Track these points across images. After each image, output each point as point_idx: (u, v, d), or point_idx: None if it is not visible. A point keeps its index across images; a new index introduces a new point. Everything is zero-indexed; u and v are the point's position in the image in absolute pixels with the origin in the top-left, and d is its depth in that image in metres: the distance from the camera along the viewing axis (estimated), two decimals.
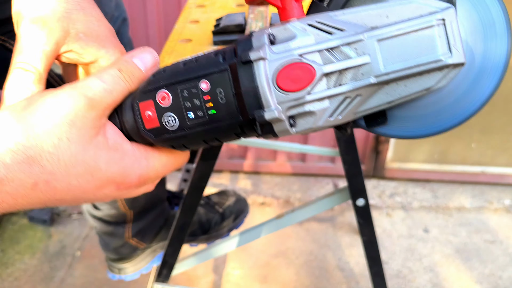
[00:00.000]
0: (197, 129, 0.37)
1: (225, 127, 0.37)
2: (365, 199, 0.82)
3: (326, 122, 0.36)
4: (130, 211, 1.06)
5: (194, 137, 0.38)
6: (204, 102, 0.36)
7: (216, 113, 0.36)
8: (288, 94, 0.35)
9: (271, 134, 0.37)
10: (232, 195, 1.27)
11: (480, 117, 1.84)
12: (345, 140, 0.74)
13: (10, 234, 1.67)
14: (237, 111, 0.36)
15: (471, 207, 1.87)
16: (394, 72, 0.35)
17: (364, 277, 1.52)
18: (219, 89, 0.36)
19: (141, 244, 1.13)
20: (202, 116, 0.37)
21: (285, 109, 0.35)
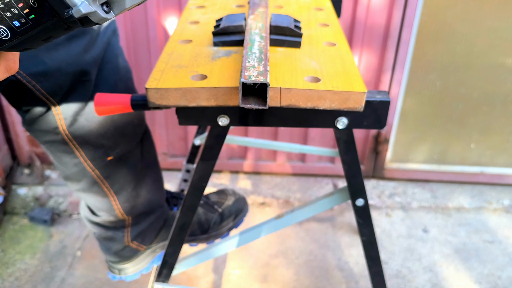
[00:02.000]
0: (29, 33, 0.40)
1: (50, 26, 0.39)
2: (365, 199, 0.83)
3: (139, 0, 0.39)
4: (128, 217, 1.06)
5: (31, 39, 0.40)
6: (21, 9, 0.38)
7: (35, 16, 0.38)
8: None
9: (92, 24, 0.38)
10: (231, 194, 1.27)
11: (479, 118, 1.85)
12: (344, 140, 0.74)
13: (10, 234, 1.67)
14: (52, 12, 0.38)
15: (470, 207, 1.87)
16: None
17: (364, 277, 1.53)
18: None
19: (142, 246, 1.13)
20: (25, 22, 0.39)
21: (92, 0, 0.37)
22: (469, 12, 1.64)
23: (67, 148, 0.90)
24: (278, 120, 0.71)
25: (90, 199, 1.01)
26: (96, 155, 0.92)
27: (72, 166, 0.94)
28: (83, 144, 0.90)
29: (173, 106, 0.68)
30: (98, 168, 0.94)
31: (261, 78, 0.59)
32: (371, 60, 1.74)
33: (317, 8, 0.99)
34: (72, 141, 0.89)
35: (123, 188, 1.00)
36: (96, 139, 0.90)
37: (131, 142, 0.96)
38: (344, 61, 0.73)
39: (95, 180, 0.96)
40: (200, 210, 1.21)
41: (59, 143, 0.89)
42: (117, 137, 0.92)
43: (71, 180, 0.97)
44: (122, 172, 0.98)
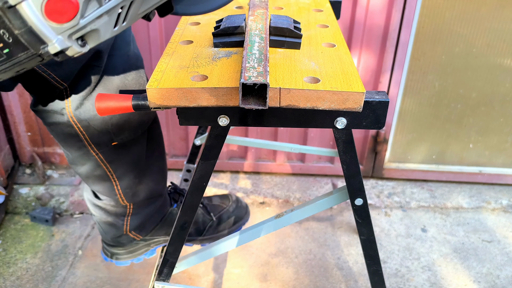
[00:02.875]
0: (3, 66, 0.40)
1: (25, 59, 0.40)
2: (364, 199, 0.84)
3: (113, 33, 0.39)
4: (129, 204, 1.07)
5: (3, 71, 0.41)
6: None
7: (10, 51, 0.39)
8: (63, 25, 0.37)
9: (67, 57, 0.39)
10: (233, 201, 1.28)
11: (478, 118, 1.85)
12: (343, 140, 0.75)
13: (12, 233, 1.68)
14: (27, 47, 0.38)
15: (469, 207, 1.88)
16: None
17: (363, 276, 1.53)
18: (2, 30, 0.38)
19: (138, 236, 1.14)
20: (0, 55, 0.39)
21: (67, 36, 0.38)
22: (467, 13, 1.65)
23: (72, 130, 0.91)
24: (278, 121, 0.71)
25: (94, 183, 1.01)
26: (100, 139, 0.93)
27: (77, 149, 0.95)
28: (88, 128, 0.91)
29: (173, 106, 0.68)
30: (102, 153, 0.95)
31: (261, 79, 0.60)
32: (370, 61, 1.75)
33: (316, 9, 1.00)
34: (77, 124, 0.90)
35: (125, 174, 1.00)
36: (101, 124, 0.91)
37: (137, 130, 0.97)
38: (343, 62, 0.74)
39: (98, 164, 0.97)
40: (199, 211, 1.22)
41: (64, 125, 0.90)
42: (122, 124, 0.93)
43: (76, 163, 0.98)
44: (126, 158, 0.98)
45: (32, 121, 1.87)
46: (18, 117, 1.85)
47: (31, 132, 1.90)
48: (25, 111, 1.85)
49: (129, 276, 1.50)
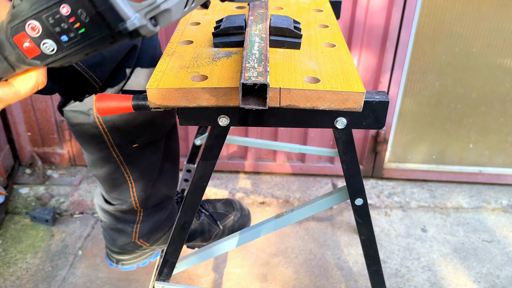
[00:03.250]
0: (75, 47, 0.42)
1: (98, 40, 0.41)
2: (364, 199, 0.84)
3: (183, 13, 0.42)
4: (140, 209, 1.08)
5: (75, 54, 0.42)
6: (71, 24, 0.40)
7: (85, 31, 0.40)
8: (141, 3, 0.39)
9: (140, 36, 0.40)
10: (237, 209, 1.29)
11: (478, 118, 1.85)
12: (343, 140, 0.75)
13: (12, 233, 1.68)
14: (104, 26, 0.40)
15: (469, 207, 1.88)
16: None
17: (363, 276, 1.54)
18: (80, 10, 0.39)
19: (145, 244, 1.14)
20: (74, 36, 0.41)
21: (143, 14, 0.39)
22: (467, 13, 1.65)
23: (96, 131, 0.92)
24: (278, 121, 0.71)
25: (110, 185, 1.02)
26: (123, 141, 0.94)
27: (98, 150, 0.96)
28: (112, 128, 0.92)
29: (174, 106, 0.68)
30: (122, 155, 0.96)
31: (261, 79, 0.60)
32: (370, 61, 1.75)
33: (316, 9, 1.00)
34: (102, 124, 0.91)
35: (142, 176, 1.01)
36: (125, 125, 0.92)
37: (158, 133, 0.98)
38: (343, 62, 0.74)
39: (118, 166, 0.98)
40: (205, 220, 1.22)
41: (90, 126, 0.91)
42: (145, 125, 0.94)
43: (95, 165, 0.99)
44: (144, 160, 1.00)
45: (32, 121, 1.87)
46: (18, 117, 1.85)
47: (31, 132, 1.90)
48: (25, 111, 1.85)
49: (129, 276, 1.50)
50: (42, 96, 1.81)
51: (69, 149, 1.95)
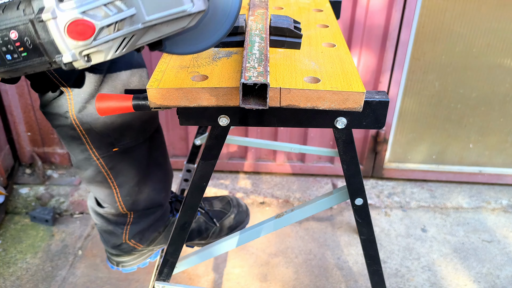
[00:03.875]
0: (15, 66, 0.48)
1: (37, 64, 0.48)
2: (364, 199, 0.84)
3: (114, 55, 0.49)
4: (129, 213, 1.08)
5: (15, 71, 0.49)
6: (17, 47, 0.47)
7: (27, 55, 0.48)
8: (78, 42, 0.46)
9: (72, 67, 0.48)
10: (235, 206, 1.28)
11: (478, 118, 1.85)
12: (344, 140, 0.75)
13: (12, 233, 1.68)
14: (43, 54, 0.47)
15: (469, 207, 1.88)
16: (155, 19, 0.48)
17: (363, 276, 1.54)
18: (26, 38, 0.46)
19: (139, 245, 1.14)
20: (17, 57, 0.48)
21: (78, 52, 0.47)
22: (467, 13, 1.65)
23: (75, 133, 0.93)
24: (278, 120, 0.71)
25: (95, 189, 1.03)
26: (102, 144, 0.95)
27: (79, 152, 0.97)
28: (90, 131, 0.92)
29: (174, 106, 0.68)
30: (103, 158, 0.97)
31: (261, 79, 0.60)
32: (370, 61, 1.75)
33: (316, 9, 1.00)
34: (80, 126, 0.91)
35: (126, 181, 1.01)
36: (102, 128, 0.92)
37: (138, 137, 0.98)
38: (343, 62, 0.74)
39: (99, 170, 0.98)
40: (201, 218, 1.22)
41: (68, 128, 0.92)
42: (123, 129, 0.94)
43: (79, 168, 1.01)
44: (126, 165, 1.00)
45: (32, 121, 1.87)
46: (18, 117, 1.85)
47: (31, 132, 1.90)
48: (25, 111, 1.85)
49: (129, 276, 1.50)
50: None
51: None
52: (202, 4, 0.50)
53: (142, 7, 0.47)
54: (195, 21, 0.51)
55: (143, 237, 1.13)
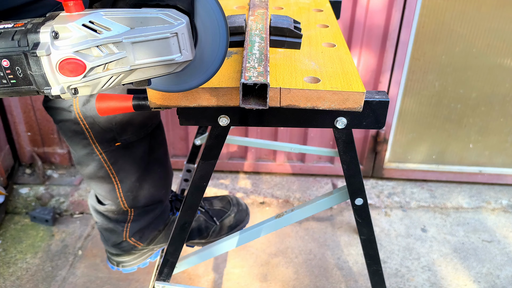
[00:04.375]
0: (3, 89, 0.50)
1: (25, 91, 0.50)
2: (364, 199, 0.84)
3: (100, 91, 0.51)
4: (130, 210, 1.08)
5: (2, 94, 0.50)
6: (7, 74, 0.49)
7: (16, 82, 0.49)
8: (68, 78, 0.48)
9: (60, 98, 0.51)
10: (234, 204, 1.29)
11: (478, 118, 1.86)
12: (344, 140, 0.75)
13: (12, 233, 1.68)
14: (32, 84, 0.49)
15: (469, 207, 1.88)
16: (143, 64, 0.51)
17: (363, 276, 1.54)
18: (17, 67, 0.48)
19: (139, 244, 1.15)
20: (6, 83, 0.49)
21: (66, 86, 0.49)
22: (467, 13, 1.65)
23: (78, 128, 0.94)
24: (278, 120, 0.71)
25: (97, 185, 1.04)
26: (105, 138, 0.96)
27: (82, 147, 0.97)
28: (93, 125, 0.93)
29: (174, 106, 0.68)
30: (105, 152, 0.98)
31: (261, 79, 0.60)
32: (370, 61, 1.75)
33: (316, 9, 1.00)
34: (83, 120, 0.92)
35: (127, 176, 1.02)
36: (105, 122, 0.94)
37: (140, 132, 0.99)
38: (343, 62, 0.74)
39: (102, 165, 0.99)
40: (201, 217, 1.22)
41: (71, 122, 0.93)
42: (126, 124, 0.96)
43: (81, 163, 1.01)
44: (128, 160, 1.01)
45: (32, 121, 1.87)
46: (18, 117, 1.85)
47: (31, 132, 1.90)
48: (25, 111, 1.85)
49: (129, 276, 1.50)
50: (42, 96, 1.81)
51: (69, 149, 1.95)
52: (189, 55, 0.53)
53: (132, 52, 0.50)
54: (181, 68, 0.55)
55: (143, 235, 1.14)
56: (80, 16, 0.48)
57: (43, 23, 0.48)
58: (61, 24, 0.47)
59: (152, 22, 0.50)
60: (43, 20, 0.49)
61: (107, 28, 0.49)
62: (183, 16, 0.52)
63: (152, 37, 0.50)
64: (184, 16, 0.52)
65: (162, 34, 0.50)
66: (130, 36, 0.49)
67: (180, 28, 0.51)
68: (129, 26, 0.50)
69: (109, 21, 0.49)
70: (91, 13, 0.49)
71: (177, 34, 0.51)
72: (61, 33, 0.47)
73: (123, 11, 0.50)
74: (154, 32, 0.50)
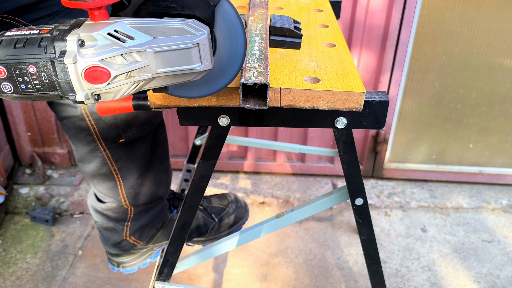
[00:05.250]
0: (27, 94, 0.51)
1: (48, 96, 0.51)
2: (364, 199, 0.84)
3: (121, 96, 0.52)
4: (131, 208, 1.08)
5: (25, 98, 0.52)
6: (33, 80, 0.50)
7: (42, 87, 0.50)
8: (93, 85, 0.49)
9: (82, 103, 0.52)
10: (233, 201, 1.29)
11: (478, 118, 1.86)
12: (344, 140, 0.75)
13: (12, 233, 1.68)
14: (57, 89, 0.50)
15: (469, 207, 1.88)
16: (165, 72, 0.52)
17: (363, 276, 1.54)
18: (43, 73, 0.49)
19: (138, 242, 1.15)
20: (31, 88, 0.50)
21: (91, 92, 0.50)
22: (467, 13, 1.65)
23: (83, 124, 0.94)
24: (278, 120, 0.71)
25: (99, 182, 1.04)
26: (109, 134, 0.96)
27: (86, 144, 0.98)
28: (99, 121, 0.94)
29: (174, 106, 0.68)
30: (109, 149, 0.98)
31: (261, 79, 0.60)
32: (370, 61, 1.75)
33: (316, 9, 1.00)
34: (89, 116, 0.93)
35: (130, 173, 1.03)
36: (111, 118, 0.94)
37: (143, 129, 1.00)
38: (343, 62, 0.74)
39: (105, 161, 1.00)
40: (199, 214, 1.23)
41: (77, 119, 0.94)
42: (130, 120, 0.96)
43: (83, 161, 1.01)
44: (131, 157, 1.01)
45: (32, 121, 1.87)
46: (18, 117, 1.85)
47: (31, 132, 1.90)
48: (25, 111, 1.85)
49: (129, 276, 1.50)
50: None
51: (69, 149, 1.95)
52: (209, 64, 0.54)
53: (154, 61, 0.51)
54: (200, 76, 0.55)
55: (142, 234, 1.14)
56: (105, 25, 0.49)
57: (69, 31, 0.49)
58: (87, 33, 0.49)
59: (175, 32, 0.51)
60: (69, 27, 0.50)
61: (131, 37, 0.50)
62: (204, 27, 0.53)
63: (174, 47, 0.51)
64: (205, 27, 0.53)
65: (184, 44, 0.51)
66: (153, 46, 0.50)
67: (202, 39, 0.52)
68: (152, 35, 0.51)
69: (133, 30, 0.50)
70: (116, 22, 0.50)
71: (199, 45, 0.52)
72: (87, 42, 0.49)
73: (146, 21, 0.51)
74: (176, 42, 0.51)
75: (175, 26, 0.51)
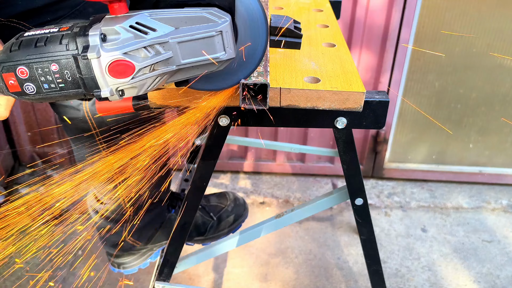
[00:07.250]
0: (50, 94, 0.50)
1: (72, 94, 0.50)
2: (364, 199, 0.84)
3: (145, 91, 0.52)
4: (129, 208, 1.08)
5: (49, 98, 0.51)
6: (55, 78, 0.49)
7: (65, 85, 0.49)
8: (117, 79, 0.49)
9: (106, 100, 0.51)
10: (231, 199, 1.29)
11: (478, 118, 1.86)
12: (344, 140, 0.75)
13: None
14: (81, 87, 0.49)
15: (469, 207, 1.88)
16: (189, 63, 0.51)
17: (363, 276, 1.54)
18: (66, 71, 0.48)
19: (137, 243, 1.15)
20: (54, 87, 0.49)
21: (116, 88, 0.49)
22: (467, 13, 1.65)
23: (85, 126, 0.94)
24: (278, 120, 0.71)
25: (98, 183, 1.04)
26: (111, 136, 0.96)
27: (88, 146, 0.98)
28: (101, 124, 0.94)
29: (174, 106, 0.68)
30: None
31: (261, 79, 0.60)
32: (370, 61, 1.75)
33: (316, 9, 1.00)
34: (91, 119, 0.93)
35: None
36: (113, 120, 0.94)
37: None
38: (343, 62, 0.74)
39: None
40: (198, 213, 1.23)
41: (79, 121, 0.94)
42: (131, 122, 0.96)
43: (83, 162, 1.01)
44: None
45: (32, 121, 1.87)
46: (18, 117, 1.85)
47: (31, 132, 1.90)
48: (25, 111, 1.85)
49: (129, 276, 1.50)
50: None
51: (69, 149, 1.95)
52: (233, 53, 0.53)
53: (178, 52, 0.50)
54: (223, 66, 0.54)
55: (141, 234, 1.14)
56: (127, 18, 0.48)
57: (90, 26, 0.48)
58: (109, 26, 0.48)
59: (197, 21, 0.50)
60: (89, 23, 0.49)
61: (153, 29, 0.49)
62: (226, 14, 0.52)
63: (197, 36, 0.50)
64: (227, 14, 0.52)
65: (208, 32, 0.50)
66: (176, 36, 0.49)
67: (225, 26, 0.51)
68: (174, 26, 0.50)
69: (155, 22, 0.49)
70: (137, 14, 0.49)
71: (222, 32, 0.51)
72: (109, 36, 0.48)
73: (167, 11, 0.50)
74: (199, 31, 0.50)
75: (197, 15, 0.50)
